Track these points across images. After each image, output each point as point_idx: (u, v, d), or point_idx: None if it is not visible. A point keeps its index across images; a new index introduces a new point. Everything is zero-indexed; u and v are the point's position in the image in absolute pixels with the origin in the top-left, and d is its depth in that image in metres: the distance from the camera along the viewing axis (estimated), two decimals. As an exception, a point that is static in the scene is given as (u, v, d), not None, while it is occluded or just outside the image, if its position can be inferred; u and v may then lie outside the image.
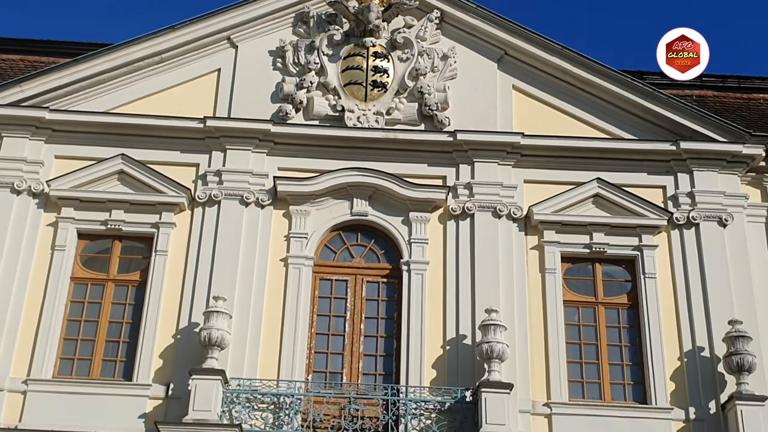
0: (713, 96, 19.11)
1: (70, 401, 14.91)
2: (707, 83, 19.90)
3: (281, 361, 15.50)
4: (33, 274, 15.91)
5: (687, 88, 19.42)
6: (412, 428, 14.71)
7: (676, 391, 15.35)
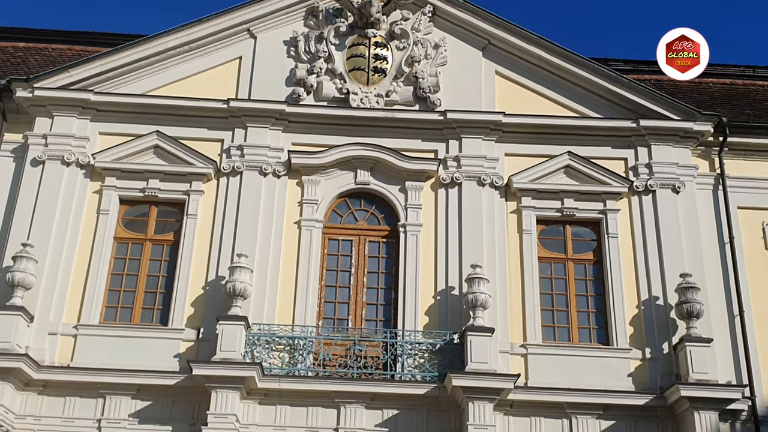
0: (668, 80, 19.01)
1: (114, 343, 15.11)
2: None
3: (295, 308, 15.64)
4: (81, 235, 16.00)
5: (646, 73, 19.39)
6: (408, 366, 14.93)
7: (634, 334, 15.53)
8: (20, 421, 14.31)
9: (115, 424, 14.47)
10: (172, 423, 14.55)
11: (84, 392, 14.63)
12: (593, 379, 14.96)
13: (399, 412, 14.70)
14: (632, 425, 14.77)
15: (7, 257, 15.30)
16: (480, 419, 14.08)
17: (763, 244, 16.49)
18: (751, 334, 15.57)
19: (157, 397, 14.66)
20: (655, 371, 15.13)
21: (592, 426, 14.71)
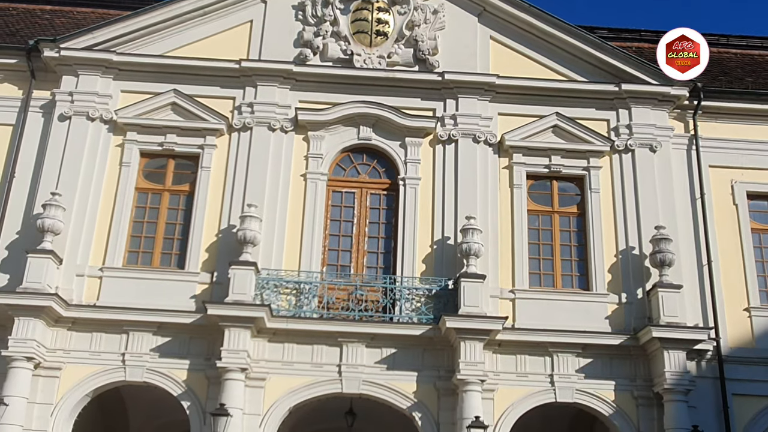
0: (649, 47, 19.03)
1: (136, 285, 15.43)
2: (645, 37, 19.90)
3: (301, 255, 15.94)
4: (105, 185, 16.20)
5: (628, 41, 19.56)
6: (405, 309, 15.34)
7: (612, 280, 15.93)
8: (51, 354, 14.70)
9: (138, 358, 14.88)
10: (189, 357, 14.97)
11: (109, 329, 15.00)
12: (574, 321, 15.39)
13: (397, 351, 15.14)
14: (608, 363, 15.26)
15: (38, 205, 15.54)
16: (471, 357, 14.53)
17: (731, 199, 16.83)
18: (718, 282, 16.01)
19: (176, 334, 15.04)
20: (629, 314, 15.56)
21: (572, 363, 15.19)
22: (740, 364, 15.41)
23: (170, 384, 14.86)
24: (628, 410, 15.01)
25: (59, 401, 14.59)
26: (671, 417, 14.44)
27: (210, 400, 14.52)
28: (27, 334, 14.27)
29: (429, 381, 15.02)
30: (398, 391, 14.93)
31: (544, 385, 15.14)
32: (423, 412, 14.86)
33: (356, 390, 15.00)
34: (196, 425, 14.62)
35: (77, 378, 14.76)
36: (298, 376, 14.94)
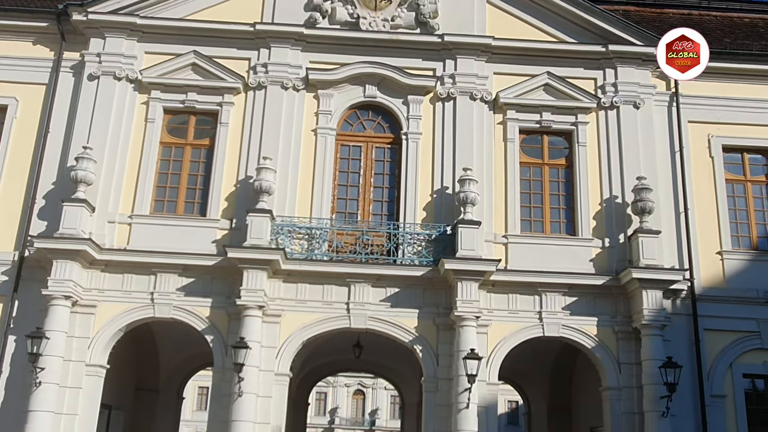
0: (634, 10, 18.95)
1: (162, 230, 15.67)
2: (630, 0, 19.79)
3: (313, 204, 16.12)
4: (132, 140, 16.30)
5: (615, 4, 19.27)
6: (407, 253, 15.57)
7: (596, 226, 16.10)
8: (87, 294, 15.02)
9: (165, 297, 15.20)
10: (211, 296, 15.27)
11: (138, 270, 15.27)
12: (561, 263, 15.62)
13: (399, 290, 15.42)
14: (591, 301, 15.53)
15: (71, 158, 15.68)
16: (467, 296, 14.82)
17: (707, 152, 16.84)
18: (693, 228, 16.17)
19: (199, 275, 15.32)
20: (612, 257, 15.77)
21: (559, 301, 15.47)
22: (712, 303, 15.66)
23: (195, 320, 15.20)
24: (609, 343, 15.33)
25: (95, 335, 14.96)
26: (648, 349, 14.77)
27: (231, 334, 14.87)
28: (64, 275, 14.56)
29: (429, 317, 15.33)
30: (401, 326, 15.26)
31: (533, 321, 15.43)
32: (423, 345, 15.20)
33: (363, 325, 15.33)
34: (219, 357, 15.00)
35: (111, 315, 15.10)
36: (310, 312, 15.26)
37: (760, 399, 15.75)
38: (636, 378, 15.01)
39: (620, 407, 15.03)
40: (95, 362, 14.88)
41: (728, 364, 15.48)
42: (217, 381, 14.97)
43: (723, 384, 15.37)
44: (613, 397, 15.13)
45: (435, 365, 15.08)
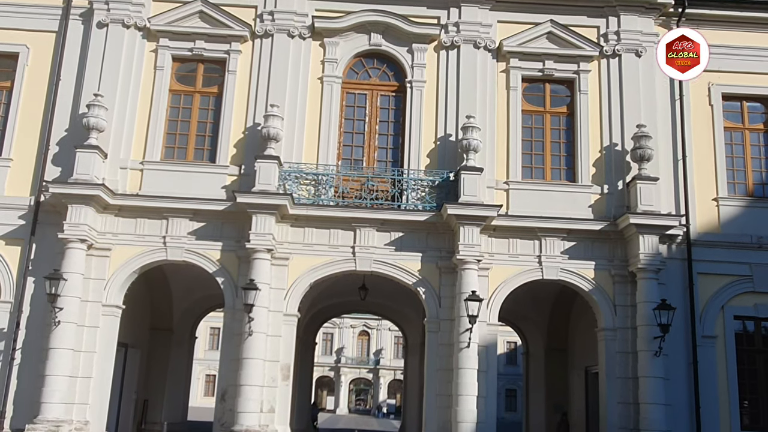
0: (639, -42, 18.54)
1: (173, 176, 15.71)
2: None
3: (319, 150, 16.11)
4: (142, 87, 16.20)
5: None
6: (411, 198, 15.63)
7: (596, 173, 16.08)
8: (101, 237, 15.17)
9: (177, 240, 15.34)
10: (222, 240, 15.42)
11: (151, 215, 15.38)
12: (560, 209, 15.67)
13: (403, 235, 15.55)
14: (589, 246, 15.64)
15: (82, 105, 15.60)
16: (469, 240, 14.94)
17: (707, 100, 16.67)
18: (691, 175, 16.11)
19: (209, 220, 15.43)
20: (610, 203, 15.82)
21: (558, 246, 15.58)
22: (706, 247, 15.74)
23: (206, 263, 15.37)
24: (606, 286, 15.50)
25: (110, 277, 15.16)
26: (643, 292, 14.95)
27: (241, 276, 15.06)
28: (79, 219, 14.69)
29: (432, 261, 15.48)
30: (405, 269, 15.42)
31: (533, 264, 15.57)
32: (426, 287, 15.39)
33: (368, 268, 15.49)
34: (230, 298, 15.22)
35: (125, 257, 15.27)
36: (317, 256, 15.41)
37: (749, 340, 15.93)
38: (631, 319, 15.21)
39: (615, 347, 15.27)
40: (111, 302, 15.11)
41: (720, 306, 15.64)
42: (228, 321, 15.21)
43: (714, 325, 15.56)
44: (608, 337, 15.35)
45: (437, 306, 15.28)
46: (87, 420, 14.52)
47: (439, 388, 14.99)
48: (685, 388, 15.15)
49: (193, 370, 26.53)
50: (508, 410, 52.76)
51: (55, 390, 14.02)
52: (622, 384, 15.07)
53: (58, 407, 14.02)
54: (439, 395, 14.96)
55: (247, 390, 14.24)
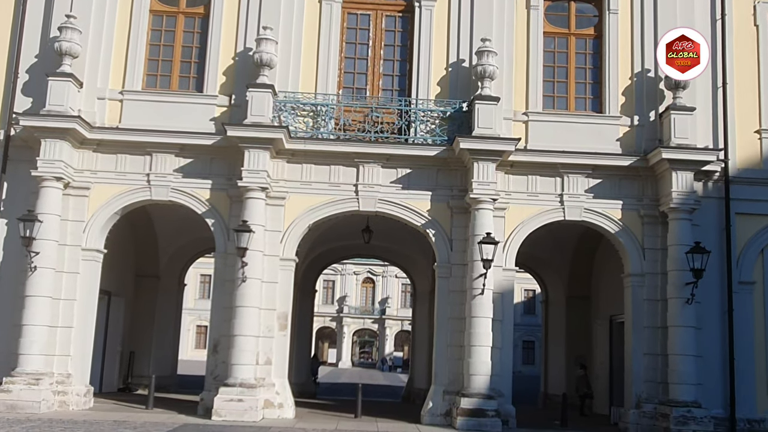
0: None
1: (156, 108, 15.58)
2: None
3: (318, 78, 15.91)
4: (120, 8, 15.95)
5: None
6: (420, 131, 15.50)
7: (625, 103, 15.91)
8: (79, 175, 15.13)
9: (162, 178, 15.30)
10: (211, 177, 15.38)
11: (133, 150, 15.31)
12: (585, 143, 15.55)
13: (411, 171, 15.49)
14: (616, 183, 15.59)
15: (53, 28, 15.34)
16: (483, 177, 14.87)
17: (752, 20, 16.36)
18: (731, 104, 15.91)
19: (197, 155, 15.37)
20: (640, 136, 15.68)
21: (582, 184, 15.53)
22: (746, 185, 15.66)
23: (194, 203, 15.37)
24: (634, 228, 15.49)
25: (90, 219, 15.19)
26: (675, 234, 14.92)
27: (233, 217, 15.07)
28: (54, 155, 14.65)
29: (442, 200, 15.45)
30: (413, 209, 15.41)
31: (554, 204, 15.55)
32: (436, 229, 15.39)
33: (372, 208, 15.48)
34: (221, 241, 15.26)
35: (105, 197, 15.27)
36: (316, 195, 15.39)
37: (790, 286, 15.97)
38: (660, 264, 15.24)
39: (642, 294, 15.35)
40: (91, 246, 15.18)
41: (759, 249, 15.65)
42: (220, 266, 15.29)
43: (752, 270, 15.59)
44: (635, 283, 15.42)
45: (449, 250, 15.31)
46: (69, 373, 14.75)
47: (450, 338, 15.15)
48: (718, 339, 15.28)
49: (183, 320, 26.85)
50: (525, 363, 53.58)
51: (34, 341, 14.20)
52: (649, 334, 15.19)
53: (38, 359, 14.22)
54: (450, 346, 15.12)
55: (241, 341, 14.40)
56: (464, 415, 14.09)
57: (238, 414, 13.82)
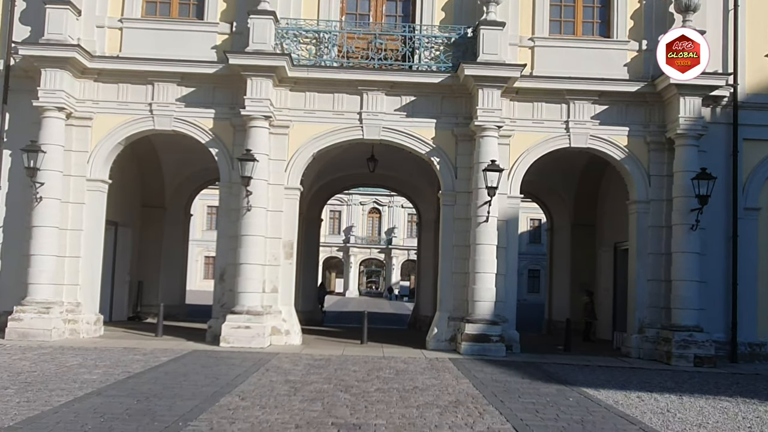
0: None
1: (156, 36, 15.33)
2: None
3: (320, 4, 15.63)
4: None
5: None
6: (424, 58, 15.25)
7: (633, 27, 15.60)
8: (81, 105, 15.01)
9: (164, 108, 15.16)
10: (214, 107, 15.23)
11: (134, 80, 15.14)
12: (592, 68, 15.31)
13: (416, 99, 15.31)
14: (623, 109, 15.40)
15: (50, -47, 14.96)
16: (488, 104, 14.70)
17: (766, -60, 15.85)
18: (742, 28, 15.61)
19: (199, 84, 15.18)
20: (648, 62, 15.37)
21: (588, 110, 15.35)
22: (755, 110, 15.47)
23: (198, 132, 15.26)
24: (640, 155, 15.37)
25: (94, 149, 15.13)
26: (681, 160, 14.82)
27: (236, 146, 14.99)
28: (55, 85, 14.51)
29: (447, 127, 15.32)
30: (417, 137, 15.29)
31: (560, 131, 15.39)
32: (441, 156, 15.30)
33: (377, 136, 15.36)
34: (225, 171, 15.22)
35: (108, 127, 15.17)
36: (320, 123, 15.26)
37: (796, 212, 15.94)
38: (666, 191, 15.18)
39: (647, 221, 15.34)
40: (96, 177, 15.16)
41: (766, 175, 15.54)
42: (224, 195, 15.29)
43: (759, 196, 15.55)
44: (640, 210, 15.39)
45: (453, 178, 15.26)
46: (78, 301, 14.92)
47: (455, 265, 15.22)
48: (722, 264, 15.34)
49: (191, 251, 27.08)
50: (530, 292, 54.05)
51: (42, 270, 14.33)
52: (653, 260, 15.24)
53: (47, 288, 14.38)
54: (455, 273, 15.21)
55: (247, 269, 14.51)
56: (468, 341, 14.26)
57: (246, 341, 14.03)
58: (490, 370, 12.04)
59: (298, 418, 7.50)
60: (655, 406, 9.24)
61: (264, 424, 7.12)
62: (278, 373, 10.80)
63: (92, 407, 7.66)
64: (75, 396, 8.27)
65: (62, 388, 8.73)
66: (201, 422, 7.12)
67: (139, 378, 9.82)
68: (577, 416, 8.21)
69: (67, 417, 7.14)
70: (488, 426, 7.48)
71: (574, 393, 9.98)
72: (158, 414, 7.42)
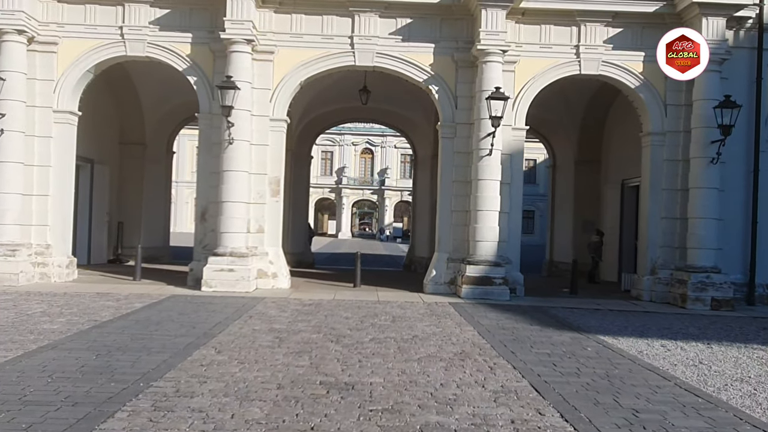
0: None
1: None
2: None
3: None
4: None
5: None
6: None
7: (652, -59, 14.13)
8: (44, 28, 13.59)
9: (137, 32, 13.74)
10: (191, 30, 13.84)
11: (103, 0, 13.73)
12: (605, -13, 13.95)
13: (412, 21, 13.98)
14: (638, 33, 14.07)
15: None
16: (492, 26, 13.38)
17: None
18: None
19: (175, 5, 13.79)
20: (667, -20, 14.00)
21: (600, 33, 14.03)
22: (781, 33, 14.15)
23: (174, 59, 13.89)
24: (656, 82, 14.09)
25: (60, 77, 13.76)
26: (702, 88, 13.58)
27: (217, 74, 13.65)
28: (13, 4, 13.11)
29: (446, 53, 14.01)
30: (414, 63, 13.98)
31: (569, 56, 14.10)
32: (440, 85, 14.01)
33: (370, 63, 14.03)
34: (205, 101, 13.91)
35: (76, 53, 13.79)
36: (308, 48, 13.91)
37: (822, 144, 14.76)
38: (684, 121, 13.99)
39: (662, 154, 14.16)
40: (64, 108, 13.82)
41: (791, 102, 14.34)
42: (205, 128, 14.01)
43: (782, 128, 14.34)
44: (655, 142, 14.18)
45: (453, 108, 14.00)
46: (48, 243, 13.77)
47: (454, 203, 14.08)
48: (740, 201, 14.23)
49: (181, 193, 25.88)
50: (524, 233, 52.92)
51: (7, 209, 13.15)
52: (668, 197, 14.12)
53: (13, 229, 13.22)
54: (454, 211, 14.09)
55: (230, 207, 13.32)
56: (470, 284, 13.21)
57: (230, 284, 12.92)
58: (495, 316, 11.00)
59: (281, 375, 6.40)
60: (685, 356, 8.19)
61: (240, 384, 6.02)
62: (262, 320, 9.71)
63: (42, 364, 6.54)
64: (26, 350, 7.16)
65: (14, 341, 7.62)
66: (166, 382, 6.01)
67: (104, 328, 8.69)
68: (601, 370, 7.15)
69: (9, 377, 6.01)
70: (502, 384, 6.40)
71: (591, 342, 8.93)
72: (118, 372, 6.31)
